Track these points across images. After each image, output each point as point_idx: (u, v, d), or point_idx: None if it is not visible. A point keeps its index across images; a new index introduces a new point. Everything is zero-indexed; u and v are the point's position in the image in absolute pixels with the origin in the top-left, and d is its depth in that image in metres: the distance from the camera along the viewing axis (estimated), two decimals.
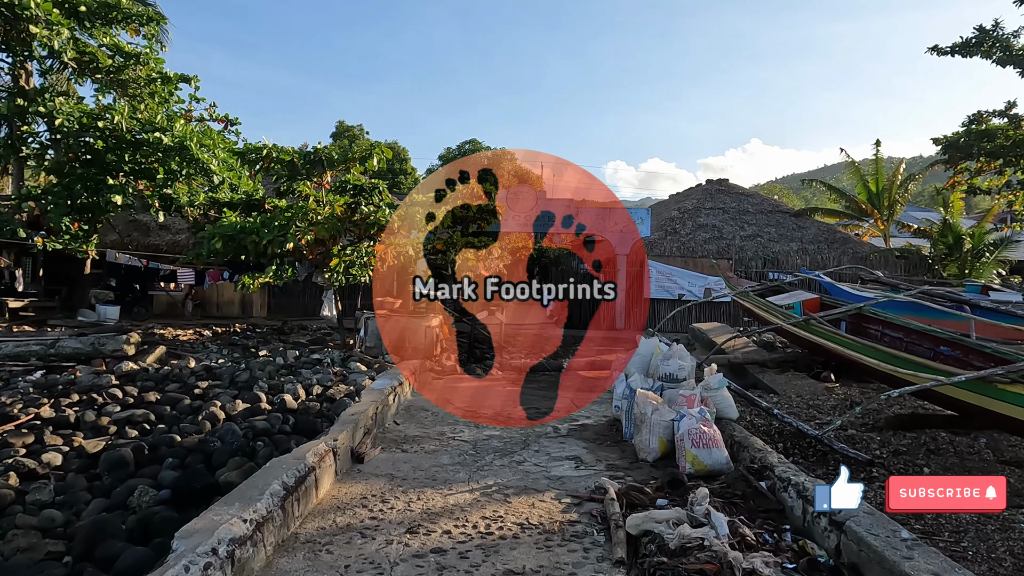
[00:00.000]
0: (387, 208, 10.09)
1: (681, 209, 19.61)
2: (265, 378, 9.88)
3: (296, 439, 7.31)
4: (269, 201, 10.80)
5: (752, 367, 9.08)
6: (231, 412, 8.07)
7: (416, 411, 5.91)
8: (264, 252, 9.46)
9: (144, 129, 12.69)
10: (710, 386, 4.91)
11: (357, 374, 9.84)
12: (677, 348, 5.46)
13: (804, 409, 7.24)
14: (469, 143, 36.06)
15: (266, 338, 13.69)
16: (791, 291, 10.28)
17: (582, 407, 6.56)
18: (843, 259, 17.66)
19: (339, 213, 9.79)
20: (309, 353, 11.28)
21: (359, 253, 9.84)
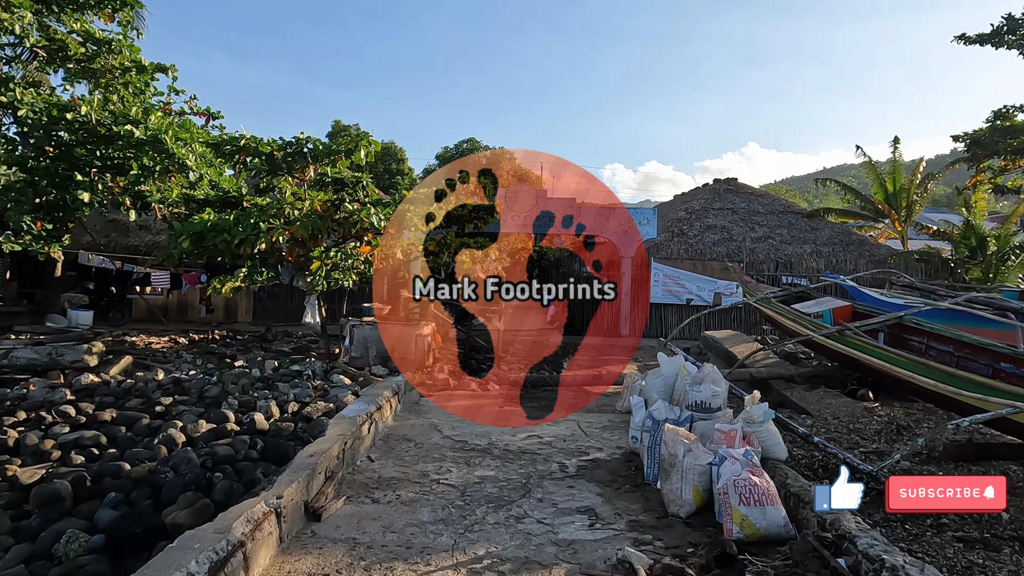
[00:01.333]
0: (373, 205, 9.18)
1: (688, 209, 18.70)
2: (238, 393, 8.96)
3: (264, 467, 6.41)
4: (248, 199, 9.87)
5: (777, 383, 8.16)
6: (193, 434, 7.17)
7: (396, 441, 4.98)
8: (236, 253, 8.54)
9: (116, 121, 11.77)
10: (753, 419, 3.99)
11: (339, 388, 8.92)
12: (709, 370, 4.54)
13: (844, 434, 6.32)
14: (467, 142, 35.15)
15: (247, 346, 12.77)
16: (818, 297, 9.35)
17: (591, 433, 5.63)
18: (859, 262, 16.77)
19: (318, 210, 8.88)
20: (289, 364, 10.36)
21: (343, 255, 8.92)
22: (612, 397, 7.90)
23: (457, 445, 5.05)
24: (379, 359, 10.25)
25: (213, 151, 10.34)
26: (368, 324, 10.35)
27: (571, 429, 5.81)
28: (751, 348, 10.45)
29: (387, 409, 5.62)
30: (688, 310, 16.46)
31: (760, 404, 4.07)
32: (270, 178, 10.80)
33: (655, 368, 5.65)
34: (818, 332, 7.59)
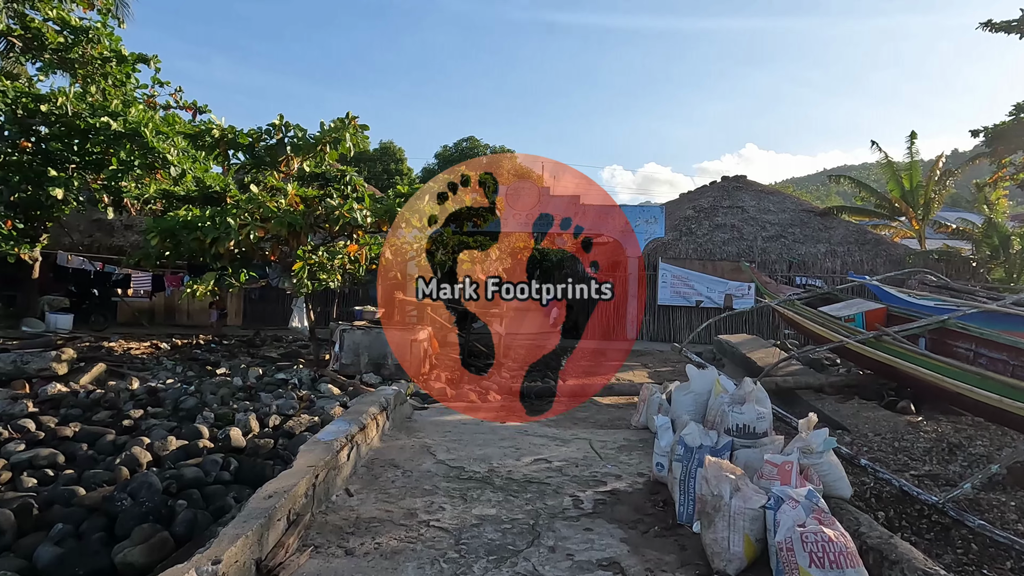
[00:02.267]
0: (357, 200, 8.47)
1: (696, 208, 18.00)
2: (216, 404, 8.26)
3: (237, 491, 5.70)
4: (232, 194, 9.17)
5: (805, 393, 7.44)
6: (160, 453, 6.47)
7: (382, 468, 4.27)
8: (210, 252, 7.85)
9: (93, 113, 11.08)
10: (811, 448, 3.27)
11: (327, 399, 8.22)
12: (751, 387, 3.82)
13: (890, 453, 5.61)
14: (467, 141, 34.44)
15: (233, 351, 12.06)
16: (846, 299, 8.63)
17: (606, 455, 4.92)
18: (876, 262, 16.06)
19: (296, 204, 8.18)
20: (275, 371, 9.65)
21: (329, 254, 8.23)
22: (625, 410, 7.19)
23: (452, 472, 4.33)
24: (371, 366, 9.55)
25: (191, 143, 9.63)
26: (360, 328, 9.64)
27: (583, 450, 5.10)
28: (771, 354, 9.73)
29: (372, 429, 4.91)
30: (698, 312, 15.74)
31: (819, 430, 3.35)
32: (255, 173, 10.11)
33: (682, 383, 4.92)
34: (852, 338, 6.88)
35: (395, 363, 9.51)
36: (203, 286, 7.95)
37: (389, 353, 9.52)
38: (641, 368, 11.38)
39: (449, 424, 6.08)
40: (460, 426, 5.98)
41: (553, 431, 5.87)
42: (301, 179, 9.32)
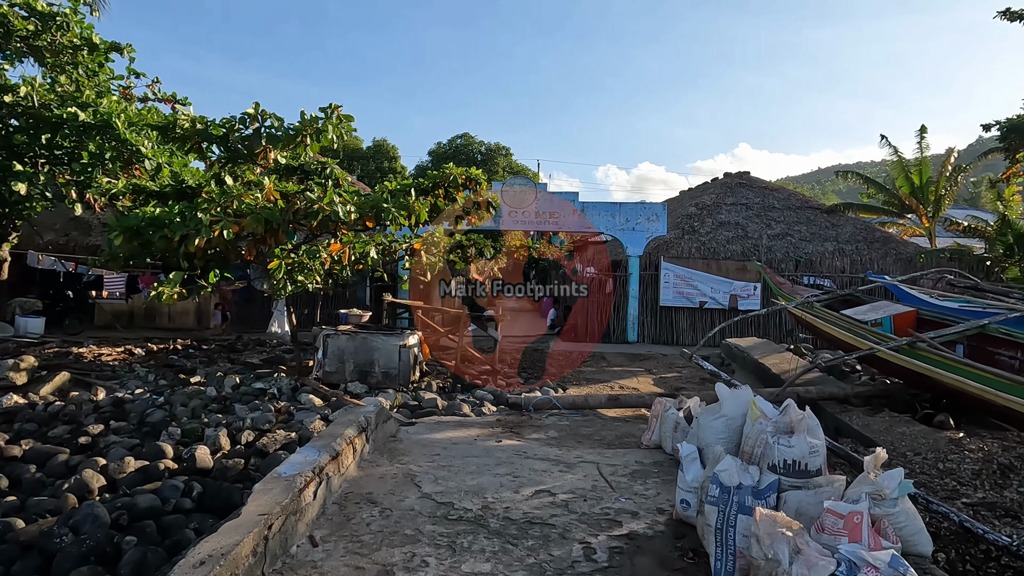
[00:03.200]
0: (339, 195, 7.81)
1: (699, 205, 17.37)
2: (186, 417, 7.59)
3: (199, 520, 5.04)
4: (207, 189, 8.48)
5: (830, 404, 6.81)
6: (116, 475, 5.81)
7: (356, 506, 3.61)
8: (179, 251, 7.17)
9: (63, 104, 10.38)
10: (882, 493, 2.63)
11: (307, 412, 7.55)
12: (796, 414, 3.16)
13: (935, 477, 4.98)
14: (461, 137, 33.69)
15: (212, 357, 11.36)
16: (869, 301, 8.00)
17: (617, 484, 4.27)
18: (885, 260, 15.47)
19: (273, 199, 7.51)
20: (253, 380, 8.96)
21: (309, 253, 7.57)
22: (633, 424, 6.54)
23: (439, 511, 3.68)
24: (357, 374, 8.88)
25: (160, 136, 8.94)
26: (345, 334, 8.97)
27: (591, 477, 4.44)
28: (784, 359, 9.11)
29: (348, 455, 4.24)
30: (701, 314, 15.12)
31: (893, 471, 2.71)
32: (232, 167, 9.42)
33: (708, 404, 4.27)
34: (884, 345, 6.25)
35: (383, 371, 8.85)
36: (169, 287, 7.26)
37: (376, 360, 8.86)
38: (645, 374, 10.74)
39: (439, 444, 5.41)
40: (451, 447, 5.32)
41: (556, 452, 5.21)
42: (278, 172, 8.64)
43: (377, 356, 8.87)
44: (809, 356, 9.64)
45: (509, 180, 15.57)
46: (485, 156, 32.50)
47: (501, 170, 30.05)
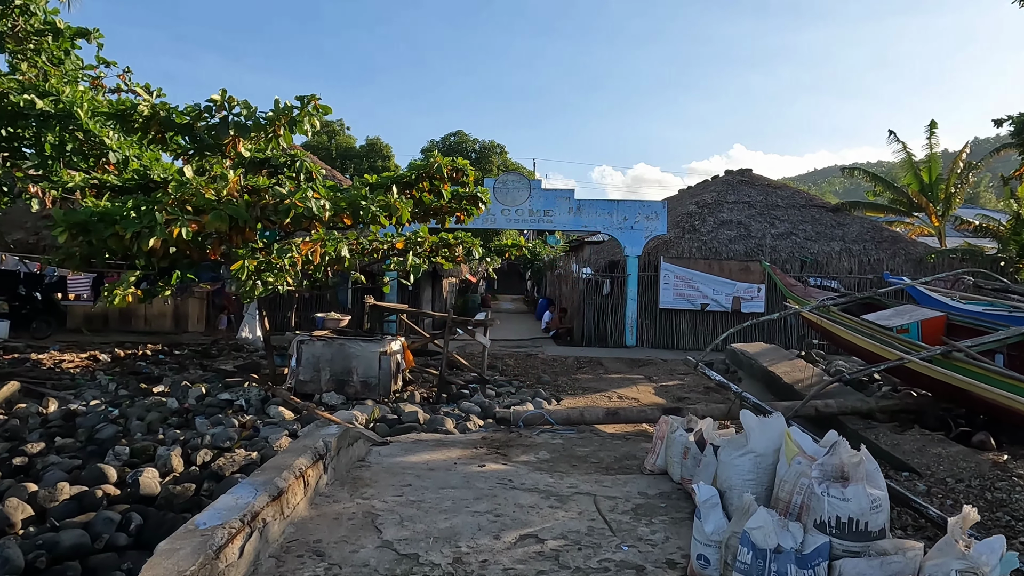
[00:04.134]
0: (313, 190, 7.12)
1: (700, 203, 16.71)
2: (141, 432, 6.88)
3: (134, 559, 4.31)
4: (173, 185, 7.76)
5: (852, 420, 6.14)
6: (47, 504, 5.09)
7: (299, 560, 2.92)
8: (132, 250, 6.47)
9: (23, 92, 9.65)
10: (980, 570, 1.95)
11: (274, 427, 6.84)
12: (851, 454, 2.48)
13: (984, 510, 4.30)
14: (455, 135, 32.98)
15: (183, 363, 10.65)
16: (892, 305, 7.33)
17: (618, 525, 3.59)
18: (895, 261, 14.84)
19: (236, 193, 6.81)
20: (222, 389, 8.26)
21: (279, 252, 6.87)
22: (634, 443, 5.86)
23: (400, 567, 2.99)
24: (333, 383, 8.18)
25: (119, 124, 8.23)
26: (321, 340, 8.27)
27: (586, 515, 3.76)
28: (796, 367, 8.45)
29: (297, 492, 3.55)
30: (703, 317, 14.46)
31: (991, 540, 2.03)
32: (199, 159, 8.73)
33: (731, 437, 3.60)
34: (915, 354, 5.58)
35: (361, 380, 8.16)
36: (121, 289, 6.56)
37: (355, 368, 8.16)
38: (645, 382, 10.06)
39: (412, 470, 4.72)
40: (426, 474, 4.62)
41: (546, 481, 4.53)
42: (245, 165, 7.95)
43: (355, 364, 8.17)
44: (821, 363, 8.98)
45: (502, 176, 14.89)
46: (479, 154, 31.81)
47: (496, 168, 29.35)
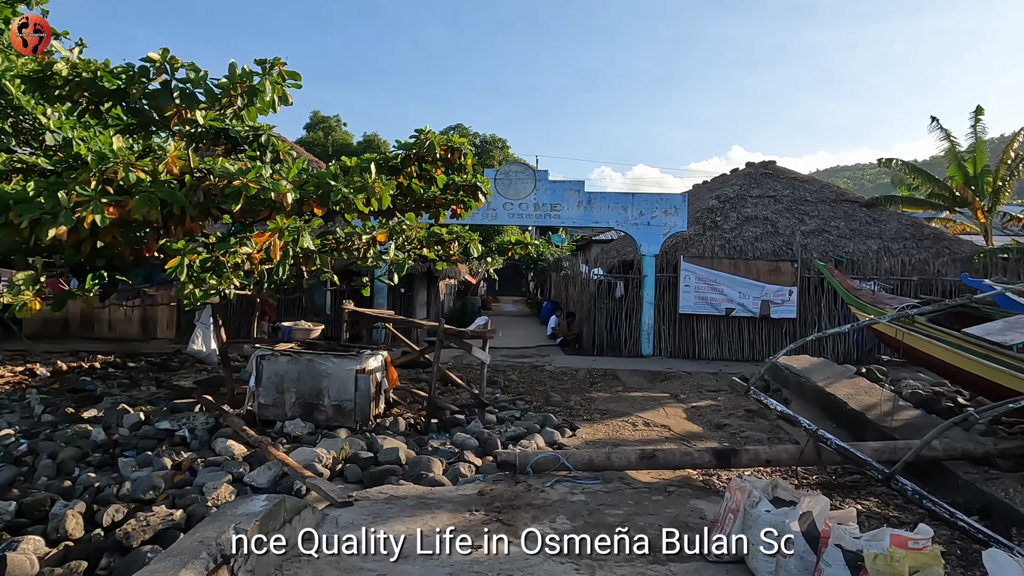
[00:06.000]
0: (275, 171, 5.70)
1: (721, 197, 15.24)
2: (48, 475, 5.44)
3: None
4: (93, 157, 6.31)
5: (962, 467, 4.68)
6: None
7: None
8: (31, 242, 5.04)
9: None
10: None
11: (216, 470, 5.38)
12: None
13: None
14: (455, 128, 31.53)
15: (136, 378, 9.21)
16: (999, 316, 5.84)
17: None
18: (939, 261, 13.36)
19: (176, 172, 5.39)
20: (165, 414, 6.81)
21: (219, 246, 5.45)
22: (679, 497, 4.40)
23: None
24: (300, 408, 6.73)
25: (35, 89, 6.77)
26: (286, 355, 6.82)
27: None
28: (861, 389, 6.98)
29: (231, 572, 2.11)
30: (727, 323, 12.99)
31: None
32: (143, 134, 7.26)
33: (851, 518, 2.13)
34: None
35: (334, 404, 6.71)
36: (22, 295, 5.13)
37: (325, 390, 6.71)
38: (672, 401, 8.60)
39: (377, 562, 3.27)
40: (396, 570, 3.17)
41: (572, 572, 3.08)
42: (196, 139, 6.51)
43: (326, 384, 6.72)
44: (886, 383, 7.52)
45: (504, 166, 13.43)
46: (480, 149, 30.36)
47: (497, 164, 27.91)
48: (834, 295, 13.05)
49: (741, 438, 6.67)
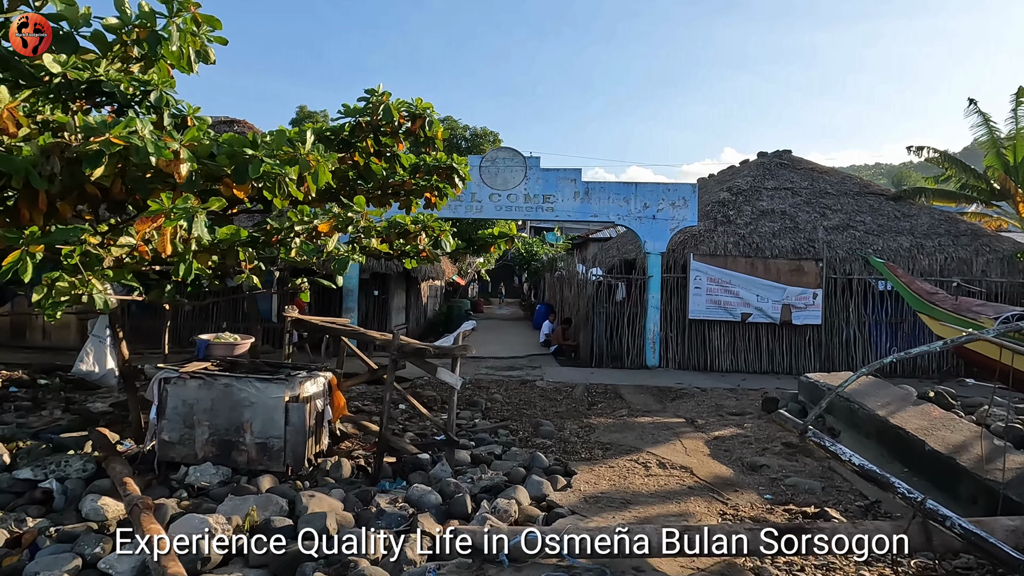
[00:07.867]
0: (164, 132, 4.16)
1: (733, 190, 13.73)
2: None
3: None
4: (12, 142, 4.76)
5: None
6: None
7: None
8: None
9: None
10: None
11: (67, 545, 3.83)
12: None
13: None
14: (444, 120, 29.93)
15: (42, 399, 7.65)
16: None
17: None
18: (979, 259, 11.90)
19: (12, 132, 3.85)
20: (39, 455, 5.25)
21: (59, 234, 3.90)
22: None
23: None
24: (214, 446, 5.18)
25: None
26: (196, 378, 5.27)
27: None
28: (936, 420, 5.47)
29: None
30: (743, 329, 11.49)
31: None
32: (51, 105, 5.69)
33: None
34: None
35: (258, 442, 5.16)
36: None
37: (247, 424, 5.16)
38: (688, 429, 7.06)
39: None
40: None
41: None
42: (58, 91, 4.93)
43: (248, 417, 5.17)
44: (958, 409, 6.02)
45: (491, 152, 11.90)
46: (471, 142, 28.77)
47: None
48: (865, 298, 11.59)
49: (786, 487, 5.14)
